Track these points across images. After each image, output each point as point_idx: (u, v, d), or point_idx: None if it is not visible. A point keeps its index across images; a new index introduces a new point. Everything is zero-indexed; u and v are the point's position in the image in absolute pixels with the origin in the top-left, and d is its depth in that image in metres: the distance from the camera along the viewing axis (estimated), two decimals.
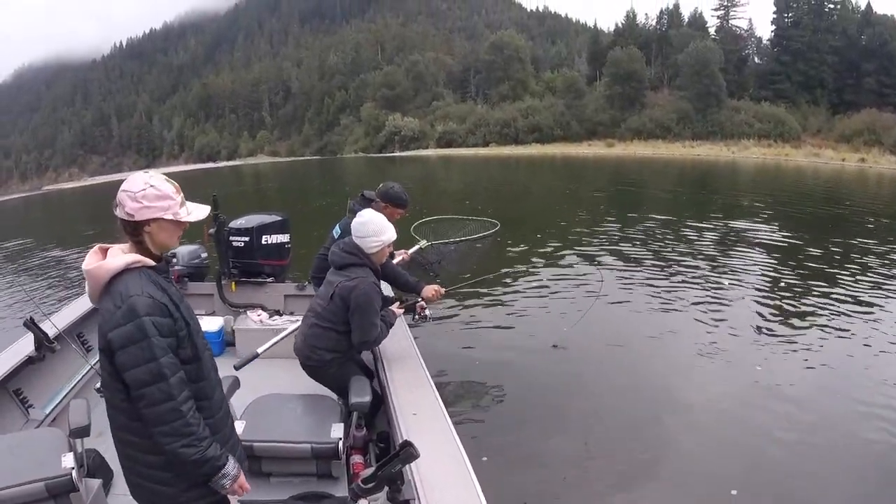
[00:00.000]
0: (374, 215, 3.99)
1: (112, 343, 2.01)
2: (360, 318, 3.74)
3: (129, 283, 2.05)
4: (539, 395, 5.97)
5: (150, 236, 2.14)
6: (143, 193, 2.09)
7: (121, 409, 2.12)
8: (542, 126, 75.92)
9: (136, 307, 2.00)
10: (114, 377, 2.07)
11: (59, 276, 12.77)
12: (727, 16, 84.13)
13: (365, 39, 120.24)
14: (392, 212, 4.74)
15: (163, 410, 2.02)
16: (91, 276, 2.06)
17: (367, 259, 3.89)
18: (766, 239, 14.28)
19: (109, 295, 2.06)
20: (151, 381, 2.00)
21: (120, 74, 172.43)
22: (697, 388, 6.17)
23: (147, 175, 2.16)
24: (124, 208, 2.09)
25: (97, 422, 3.86)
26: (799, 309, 8.89)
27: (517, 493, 4.47)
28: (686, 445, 5.19)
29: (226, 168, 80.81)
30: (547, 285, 10.30)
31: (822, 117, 69.17)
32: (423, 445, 2.60)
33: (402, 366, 4.09)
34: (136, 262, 2.09)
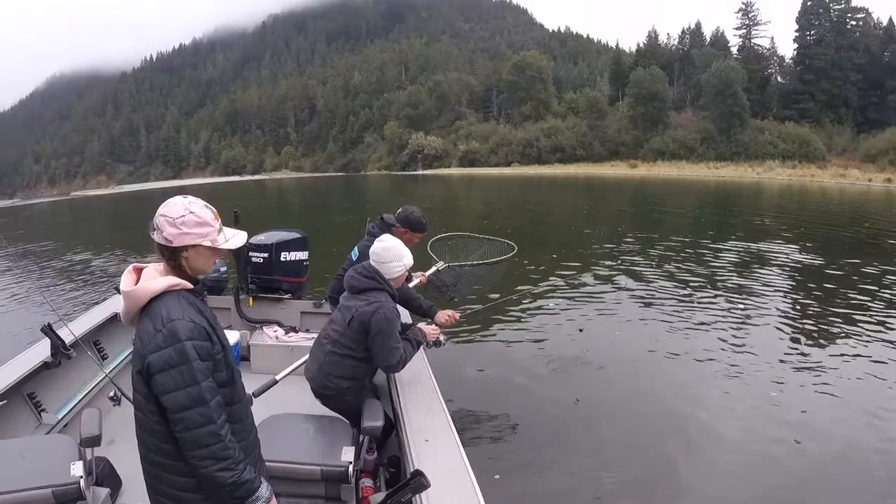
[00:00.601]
0: (394, 241, 3.90)
1: (152, 366, 1.97)
2: (381, 341, 3.62)
3: (170, 306, 2.02)
4: (554, 420, 5.84)
5: (186, 261, 2.11)
6: (182, 220, 2.07)
7: (153, 431, 2.06)
8: (564, 146, 76.30)
9: (177, 331, 1.98)
10: (149, 399, 2.03)
11: (79, 283, 12.77)
12: (749, 35, 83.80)
13: (389, 59, 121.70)
14: (411, 236, 4.73)
15: (202, 434, 1.99)
16: (130, 298, 2.04)
17: (386, 283, 3.79)
18: (788, 261, 14.11)
19: (149, 317, 2.02)
20: (191, 405, 1.97)
21: (150, 87, 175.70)
22: (715, 412, 6.08)
23: (186, 200, 2.11)
24: (162, 233, 2.06)
25: (108, 431, 3.71)
26: (819, 332, 8.72)
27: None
28: (702, 469, 5.11)
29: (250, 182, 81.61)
30: (564, 306, 10.17)
31: (847, 136, 68.29)
32: (433, 473, 2.66)
33: (415, 390, 4.00)
34: (176, 284, 2.07)
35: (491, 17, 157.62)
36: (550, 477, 4.88)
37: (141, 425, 2.11)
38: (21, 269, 14.77)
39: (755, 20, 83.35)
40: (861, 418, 5.88)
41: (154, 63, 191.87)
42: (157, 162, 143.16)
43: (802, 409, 6.12)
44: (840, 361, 7.47)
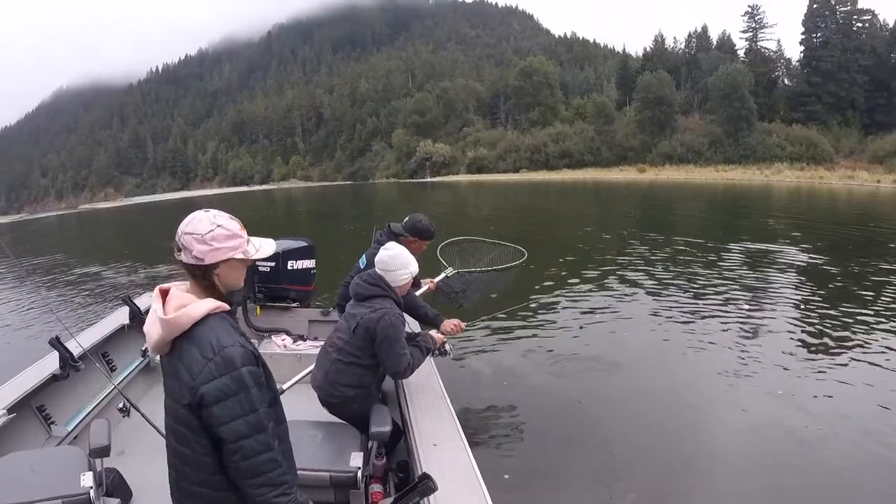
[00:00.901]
0: (400, 249, 3.92)
1: (206, 397, 1.86)
2: (388, 348, 3.62)
3: (218, 331, 1.92)
4: (563, 424, 5.81)
5: (218, 278, 2.01)
6: (211, 235, 1.97)
7: (200, 464, 1.95)
8: (572, 151, 76.35)
9: (233, 358, 1.88)
10: (198, 432, 1.92)
11: (87, 295, 12.74)
12: (755, 38, 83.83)
13: (395, 66, 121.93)
14: (419, 245, 4.73)
15: (261, 461, 1.91)
16: (170, 325, 1.90)
17: (391, 291, 3.80)
18: (796, 261, 14.12)
19: (193, 345, 1.90)
20: (251, 434, 1.89)
21: (156, 98, 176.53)
22: (722, 414, 6.09)
23: (210, 214, 2.02)
24: (192, 252, 1.96)
25: (118, 441, 3.80)
26: (828, 335, 8.61)
27: None
28: (711, 470, 5.12)
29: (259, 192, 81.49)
30: (573, 310, 10.15)
31: (855, 138, 68.26)
32: (441, 477, 2.62)
33: (423, 395, 4.01)
34: (217, 307, 1.97)
35: (496, 23, 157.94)
36: (560, 481, 4.89)
37: (182, 459, 1.98)
38: (29, 282, 14.77)
39: (761, 23, 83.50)
40: (871, 417, 5.91)
41: (160, 74, 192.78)
42: (165, 173, 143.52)
43: (814, 411, 6.08)
44: (849, 359, 7.50)
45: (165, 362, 2.00)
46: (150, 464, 3.41)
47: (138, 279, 14.42)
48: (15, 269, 15.92)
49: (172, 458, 2.02)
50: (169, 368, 1.97)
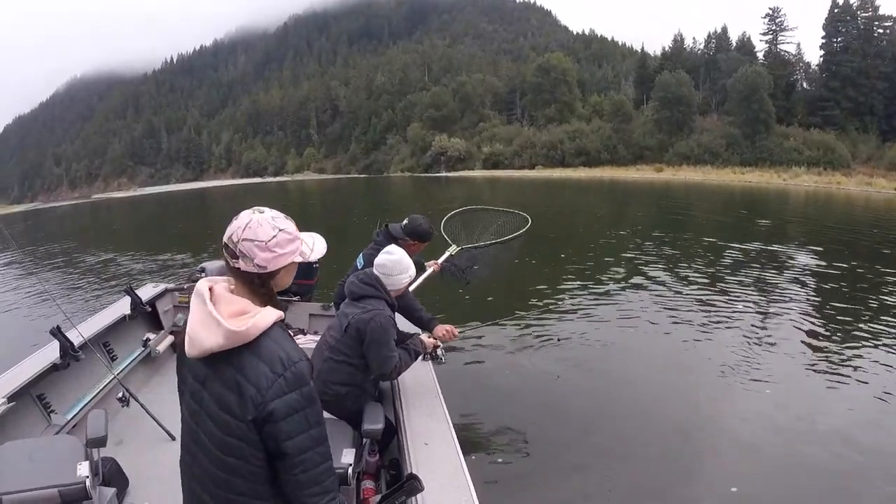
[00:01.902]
0: (402, 253, 3.93)
1: (276, 414, 1.80)
2: (375, 350, 3.65)
3: (285, 344, 1.86)
4: (557, 428, 5.80)
5: (275, 282, 1.94)
6: (275, 241, 1.87)
7: (250, 475, 1.89)
8: (588, 149, 76.28)
9: (304, 374, 1.85)
10: (255, 446, 1.85)
11: (90, 285, 12.82)
12: (776, 40, 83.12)
13: (412, 60, 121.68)
14: (417, 247, 4.75)
15: (319, 472, 1.89)
16: (238, 336, 1.78)
17: (385, 292, 3.81)
18: (812, 266, 14.17)
19: (257, 357, 1.81)
20: (313, 446, 1.87)
21: (170, 89, 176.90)
22: (726, 419, 6.11)
23: (269, 217, 1.90)
24: (254, 260, 1.86)
25: (117, 431, 3.98)
26: (838, 339, 8.69)
27: None
28: (711, 473, 5.13)
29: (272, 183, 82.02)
30: (575, 311, 10.12)
31: (872, 145, 67.79)
32: (431, 477, 2.73)
33: (418, 393, 4.03)
34: (280, 317, 1.90)
35: (514, 18, 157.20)
36: (548, 486, 4.88)
37: (229, 470, 1.89)
38: (32, 271, 14.79)
39: (782, 26, 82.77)
40: (875, 419, 6.00)
41: (174, 65, 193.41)
42: (178, 164, 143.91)
43: (822, 413, 6.14)
44: (855, 361, 7.62)
45: (200, 366, 1.90)
46: (147, 453, 3.70)
47: (142, 269, 14.50)
48: (18, 258, 16.02)
49: (214, 468, 1.91)
50: (215, 376, 1.86)
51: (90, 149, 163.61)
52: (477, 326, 6.03)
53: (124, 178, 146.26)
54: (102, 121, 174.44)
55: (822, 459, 5.27)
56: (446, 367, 4.82)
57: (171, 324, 5.99)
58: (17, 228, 30.75)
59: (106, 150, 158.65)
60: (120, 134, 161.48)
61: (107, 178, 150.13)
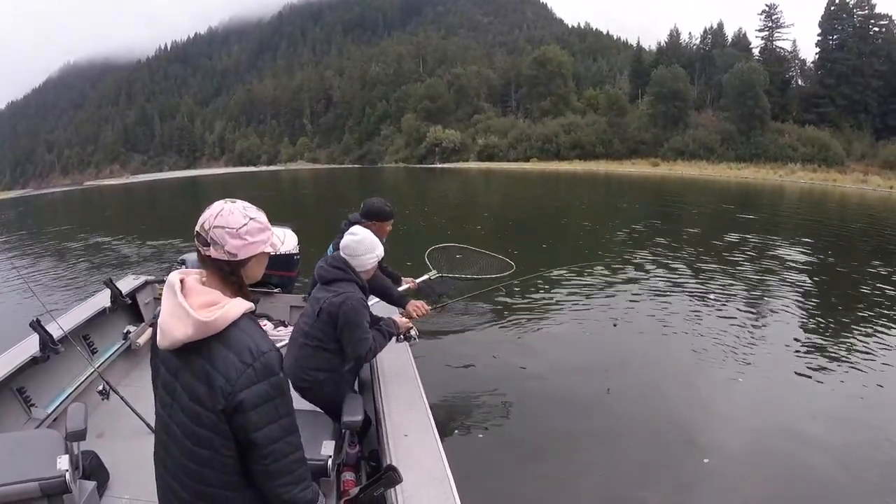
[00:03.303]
0: (365, 233, 3.93)
1: (245, 404, 1.80)
2: (349, 333, 3.65)
3: (254, 334, 1.87)
4: (536, 420, 5.79)
5: (245, 272, 1.95)
6: (246, 229, 1.90)
7: (220, 465, 1.90)
8: (584, 143, 76.18)
9: (272, 364, 1.85)
10: (224, 436, 1.86)
11: (69, 276, 12.64)
12: (771, 37, 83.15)
13: (407, 51, 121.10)
14: (380, 227, 4.71)
15: (290, 461, 1.91)
16: (206, 327, 1.79)
17: (355, 275, 3.81)
18: (803, 263, 14.06)
19: (226, 348, 1.82)
20: (283, 436, 1.88)
21: (164, 76, 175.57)
22: (718, 418, 6.05)
23: (241, 206, 1.94)
24: (224, 247, 1.87)
25: (97, 424, 4.04)
26: (831, 336, 8.66)
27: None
28: (696, 469, 5.07)
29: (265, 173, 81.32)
30: (563, 301, 10.02)
31: (866, 142, 68.11)
32: (410, 468, 2.76)
33: (398, 385, 4.03)
34: (249, 308, 1.90)
35: (509, 10, 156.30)
36: (528, 476, 4.88)
37: (200, 461, 1.90)
38: (10, 262, 14.44)
39: (778, 23, 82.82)
40: (869, 417, 5.98)
41: (168, 52, 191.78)
42: (171, 151, 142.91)
43: (816, 411, 6.14)
44: (852, 357, 7.55)
45: (172, 358, 1.90)
46: (128, 446, 3.64)
47: (126, 259, 14.30)
48: None
49: (185, 459, 1.92)
50: (186, 367, 1.87)
51: (82, 135, 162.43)
52: (447, 302, 5.76)
53: (117, 164, 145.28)
54: (95, 107, 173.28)
55: (806, 451, 5.29)
56: (425, 355, 5.01)
57: (151, 316, 5.91)
58: (9, 215, 30.58)
59: (98, 136, 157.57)
60: (113, 121, 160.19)
61: (99, 164, 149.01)
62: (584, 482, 4.83)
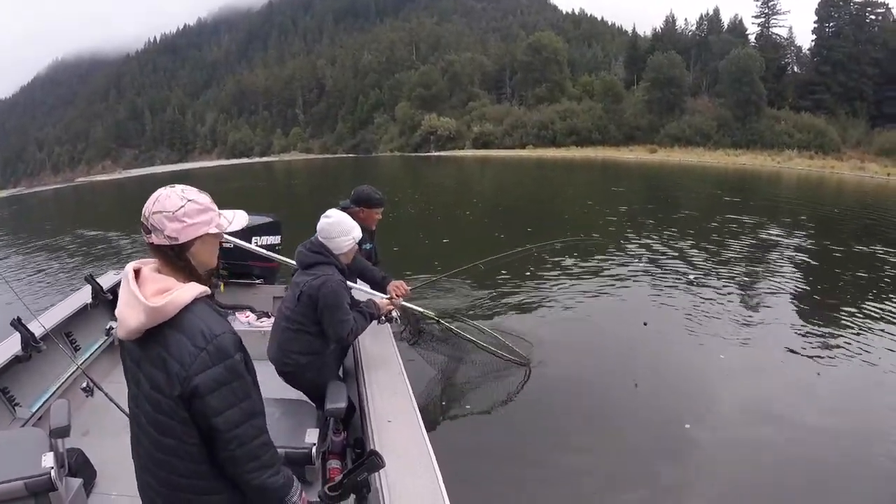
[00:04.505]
0: (341, 216, 3.94)
1: (200, 388, 1.80)
2: (330, 315, 3.70)
3: (207, 318, 1.86)
4: (520, 405, 5.78)
5: (193, 256, 1.93)
6: (183, 211, 1.87)
7: (187, 454, 1.90)
8: (580, 129, 75.97)
9: (226, 347, 1.84)
10: (186, 423, 1.85)
11: (51, 274, 12.56)
12: (768, 24, 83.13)
13: (399, 38, 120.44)
14: (369, 213, 4.78)
15: (255, 446, 1.91)
16: (157, 313, 1.79)
17: (334, 258, 3.85)
18: (801, 249, 14.11)
19: (181, 333, 1.82)
20: (245, 420, 1.88)
21: (153, 69, 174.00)
22: (713, 402, 6.10)
23: (178, 189, 1.92)
24: (164, 232, 1.86)
25: (83, 422, 4.09)
26: (828, 321, 8.73)
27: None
28: (695, 456, 5.14)
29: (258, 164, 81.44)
30: (550, 287, 10.06)
31: (862, 129, 68.08)
32: (394, 454, 2.81)
33: (382, 371, 4.04)
34: (203, 292, 1.89)
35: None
36: (510, 461, 4.97)
37: (166, 450, 1.90)
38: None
39: (774, 9, 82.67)
40: (867, 406, 6.11)
41: (157, 45, 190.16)
42: (163, 145, 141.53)
43: (812, 396, 6.25)
44: (845, 347, 7.54)
45: (135, 348, 1.90)
46: (114, 443, 3.45)
47: (113, 256, 14.15)
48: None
49: (152, 448, 1.93)
50: (146, 356, 1.87)
51: (73, 132, 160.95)
52: (429, 280, 6.16)
53: (108, 160, 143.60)
54: (85, 104, 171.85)
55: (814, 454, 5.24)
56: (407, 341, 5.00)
57: None
58: (2, 214, 30.69)
59: (89, 133, 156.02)
60: (103, 116, 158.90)
61: (90, 161, 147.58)
62: (570, 467, 4.89)
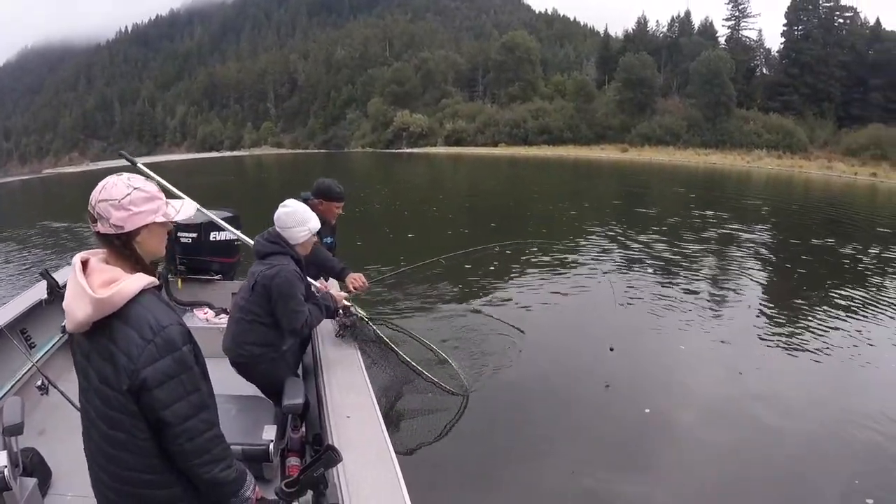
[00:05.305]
0: (297, 205, 3.91)
1: (148, 381, 1.78)
2: (283, 305, 3.67)
3: (154, 309, 1.84)
4: (483, 402, 5.73)
5: (140, 246, 1.90)
6: (129, 199, 1.84)
7: (138, 449, 1.87)
8: (552, 128, 76.29)
9: (174, 338, 1.82)
10: (135, 416, 1.83)
11: (8, 268, 12.34)
12: (738, 26, 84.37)
13: (373, 34, 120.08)
14: (328, 206, 4.76)
15: (206, 440, 1.90)
16: (103, 304, 1.76)
17: (290, 248, 3.81)
18: (770, 245, 14.33)
19: (128, 325, 1.79)
20: (194, 413, 1.86)
21: (124, 60, 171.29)
22: (678, 397, 6.12)
23: (125, 178, 1.89)
24: (109, 220, 1.83)
25: (38, 421, 3.97)
26: (795, 315, 8.89)
27: (446, 496, 4.47)
28: (665, 449, 5.18)
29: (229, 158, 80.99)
30: (513, 282, 10.08)
31: (829, 130, 69.27)
32: (353, 449, 2.80)
33: (341, 367, 4.01)
34: (150, 283, 1.86)
35: None
36: (470, 455, 4.96)
37: (117, 444, 1.87)
38: None
39: (744, 12, 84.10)
40: (829, 394, 6.26)
41: (129, 35, 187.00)
42: (132, 137, 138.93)
43: (780, 388, 6.25)
44: (813, 342, 7.62)
45: (84, 341, 1.87)
46: (70, 443, 3.21)
47: (70, 249, 13.72)
48: None
49: (102, 442, 1.90)
50: (94, 349, 1.85)
51: (40, 122, 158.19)
52: (387, 276, 6.13)
53: (76, 152, 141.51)
54: (53, 93, 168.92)
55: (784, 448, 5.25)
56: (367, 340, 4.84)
57: None
58: None
59: (57, 123, 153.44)
60: (71, 106, 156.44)
61: (58, 152, 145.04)
62: (532, 456, 4.93)
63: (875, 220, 20.79)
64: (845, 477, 4.77)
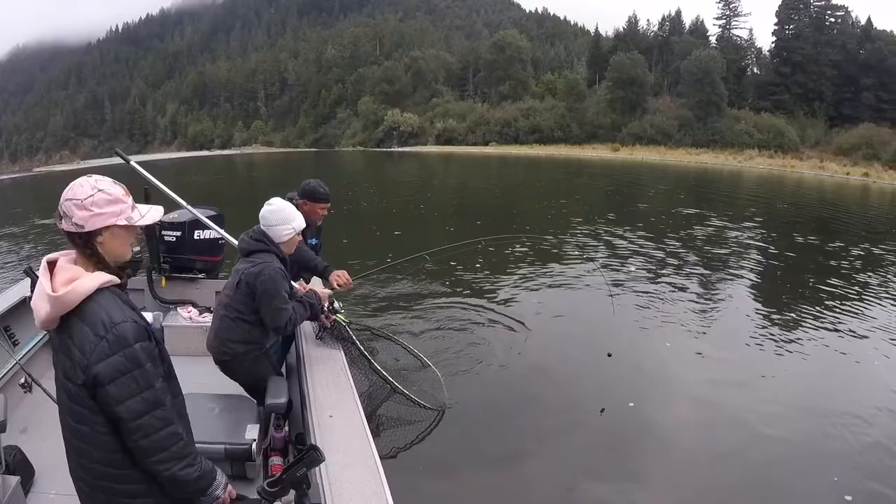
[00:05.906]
0: (283, 204, 3.91)
1: (100, 377, 1.82)
2: (267, 303, 3.66)
3: (108, 307, 1.87)
4: (465, 400, 5.73)
5: (102, 247, 1.94)
6: (91, 200, 1.89)
7: (100, 443, 1.92)
8: (542, 127, 76.22)
9: (125, 335, 1.84)
10: (95, 411, 1.88)
11: None
12: (729, 25, 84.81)
13: (363, 34, 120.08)
14: (312, 207, 4.72)
15: (162, 437, 1.91)
16: (59, 302, 1.82)
17: (275, 246, 3.81)
18: (761, 246, 14.21)
19: (83, 322, 1.85)
20: (148, 410, 1.88)
21: (115, 59, 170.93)
22: (663, 396, 6.15)
23: (93, 179, 1.94)
24: (72, 219, 1.88)
25: (21, 419, 3.95)
26: (787, 313, 8.94)
27: (428, 497, 4.45)
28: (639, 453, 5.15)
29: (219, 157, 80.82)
30: (499, 278, 10.05)
31: (820, 130, 69.38)
32: (336, 448, 2.80)
33: (324, 367, 4.02)
34: (108, 281, 1.90)
35: None
36: (456, 455, 4.96)
37: (82, 437, 1.93)
38: None
39: (736, 11, 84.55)
40: (820, 395, 6.25)
41: (119, 34, 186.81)
42: (123, 136, 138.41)
43: (773, 386, 6.33)
44: (803, 344, 7.66)
45: (55, 338, 1.95)
46: (53, 441, 3.11)
47: (58, 247, 13.39)
48: None
49: (70, 435, 1.97)
50: (59, 345, 1.93)
51: (32, 121, 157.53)
52: (372, 273, 6.14)
53: (66, 150, 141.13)
54: (44, 92, 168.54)
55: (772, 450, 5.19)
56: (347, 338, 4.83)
57: None
58: None
59: (48, 122, 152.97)
60: (62, 105, 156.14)
61: (49, 151, 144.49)
62: (513, 457, 4.94)
63: (870, 219, 20.98)
64: (824, 474, 4.81)
